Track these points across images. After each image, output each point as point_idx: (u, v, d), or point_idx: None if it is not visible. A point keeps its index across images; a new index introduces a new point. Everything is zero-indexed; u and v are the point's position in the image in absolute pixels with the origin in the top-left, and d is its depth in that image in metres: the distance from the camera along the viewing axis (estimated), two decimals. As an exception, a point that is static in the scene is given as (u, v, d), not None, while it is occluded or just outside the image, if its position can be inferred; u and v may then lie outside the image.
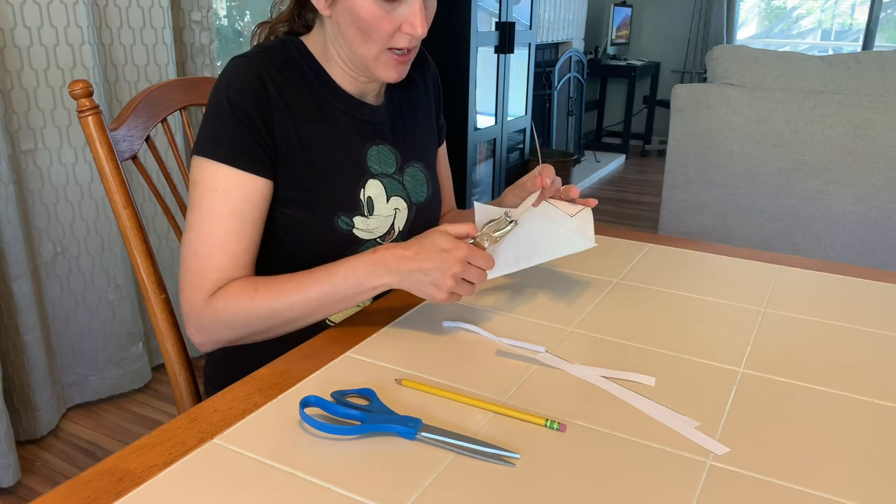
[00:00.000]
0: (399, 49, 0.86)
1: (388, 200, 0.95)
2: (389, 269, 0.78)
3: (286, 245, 0.90)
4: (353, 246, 0.92)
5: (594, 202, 0.91)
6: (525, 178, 0.92)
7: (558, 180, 0.91)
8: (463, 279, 0.77)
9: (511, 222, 0.83)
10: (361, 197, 0.93)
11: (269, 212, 0.88)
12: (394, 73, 0.88)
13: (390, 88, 1.00)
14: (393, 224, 0.96)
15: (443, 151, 1.13)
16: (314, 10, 0.91)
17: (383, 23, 0.83)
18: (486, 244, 0.81)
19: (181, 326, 0.99)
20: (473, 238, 0.81)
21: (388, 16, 0.83)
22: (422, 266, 0.77)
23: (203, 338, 0.85)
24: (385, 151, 0.97)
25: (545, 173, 0.88)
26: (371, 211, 0.93)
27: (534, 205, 0.89)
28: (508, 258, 0.86)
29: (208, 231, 0.83)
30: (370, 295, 0.81)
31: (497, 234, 0.82)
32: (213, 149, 0.83)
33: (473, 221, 0.87)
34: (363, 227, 0.93)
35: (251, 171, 0.84)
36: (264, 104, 0.84)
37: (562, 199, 0.92)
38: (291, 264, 0.86)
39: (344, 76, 0.92)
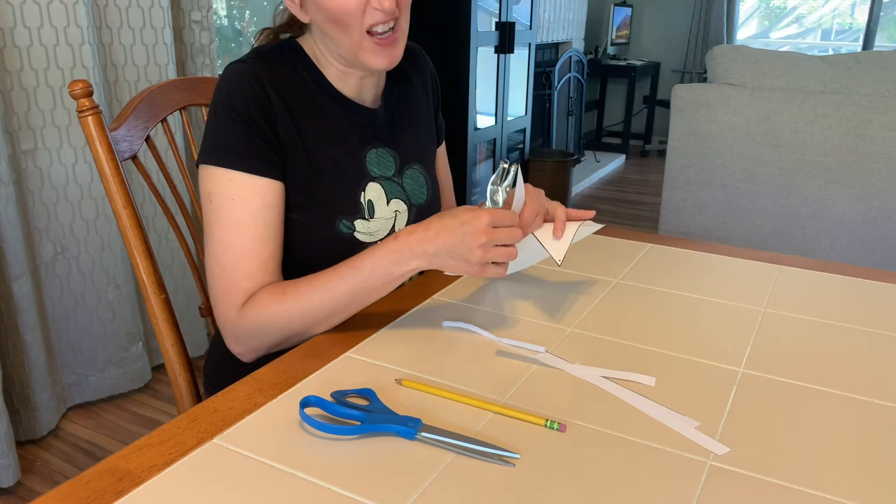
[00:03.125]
0: (379, 30, 0.84)
1: (388, 203, 0.95)
2: (415, 253, 0.77)
3: (289, 249, 0.90)
4: (354, 249, 0.92)
5: (591, 213, 0.89)
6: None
7: (543, 205, 0.87)
8: (494, 246, 0.75)
9: (513, 164, 0.82)
10: (362, 200, 0.92)
11: None
12: (381, 58, 0.86)
13: (388, 90, 0.99)
14: (394, 227, 0.96)
15: (442, 151, 1.13)
16: None
17: (350, 4, 0.81)
18: (499, 198, 0.80)
19: (181, 326, 0.99)
20: (488, 199, 0.80)
21: None
22: (446, 243, 0.76)
23: (242, 347, 0.84)
24: (384, 154, 0.96)
25: (528, 208, 0.83)
26: (371, 214, 0.93)
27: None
28: None
29: (232, 242, 0.82)
30: (400, 282, 0.80)
31: (506, 183, 0.81)
32: (224, 156, 0.82)
33: None
34: (364, 230, 0.92)
35: (266, 174, 0.83)
36: (267, 107, 0.84)
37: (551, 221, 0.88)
38: (294, 268, 0.85)
39: (340, 77, 0.92)
